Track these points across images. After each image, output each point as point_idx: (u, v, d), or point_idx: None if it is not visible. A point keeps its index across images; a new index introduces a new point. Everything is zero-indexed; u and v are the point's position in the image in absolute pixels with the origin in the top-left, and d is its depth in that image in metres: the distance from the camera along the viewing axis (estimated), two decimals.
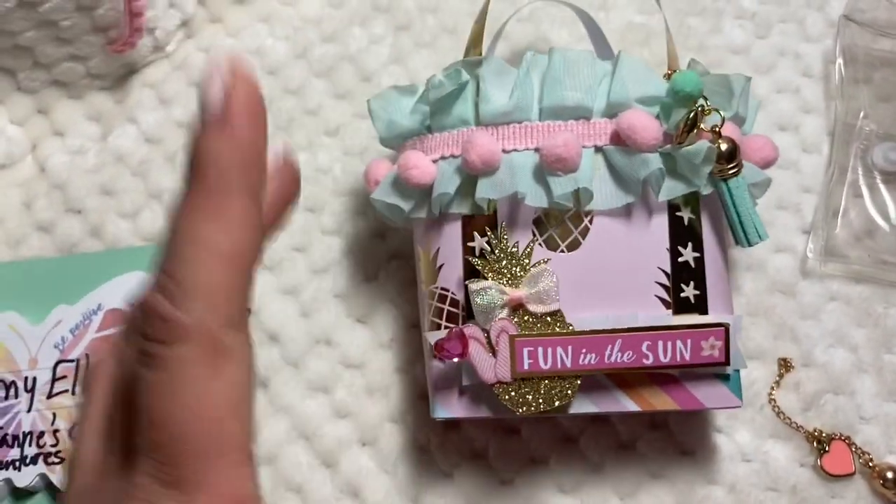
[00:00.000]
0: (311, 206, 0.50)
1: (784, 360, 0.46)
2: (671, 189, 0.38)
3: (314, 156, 0.51)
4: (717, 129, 0.37)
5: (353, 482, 0.45)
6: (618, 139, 0.37)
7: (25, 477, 0.44)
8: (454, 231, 0.39)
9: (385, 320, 0.48)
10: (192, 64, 0.53)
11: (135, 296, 0.26)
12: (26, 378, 0.46)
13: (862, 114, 0.49)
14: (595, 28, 0.48)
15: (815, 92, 0.52)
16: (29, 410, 0.45)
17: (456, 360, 0.37)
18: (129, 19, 0.47)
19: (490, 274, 0.38)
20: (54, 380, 0.45)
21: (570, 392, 0.37)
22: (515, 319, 0.37)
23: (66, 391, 0.45)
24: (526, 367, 0.37)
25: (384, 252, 0.49)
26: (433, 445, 0.45)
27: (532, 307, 0.37)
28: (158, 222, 0.50)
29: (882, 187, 0.48)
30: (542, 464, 0.45)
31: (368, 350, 0.47)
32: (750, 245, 0.38)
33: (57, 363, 0.46)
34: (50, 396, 0.45)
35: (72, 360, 0.46)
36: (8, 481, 0.44)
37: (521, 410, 0.37)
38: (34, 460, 0.44)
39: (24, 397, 0.45)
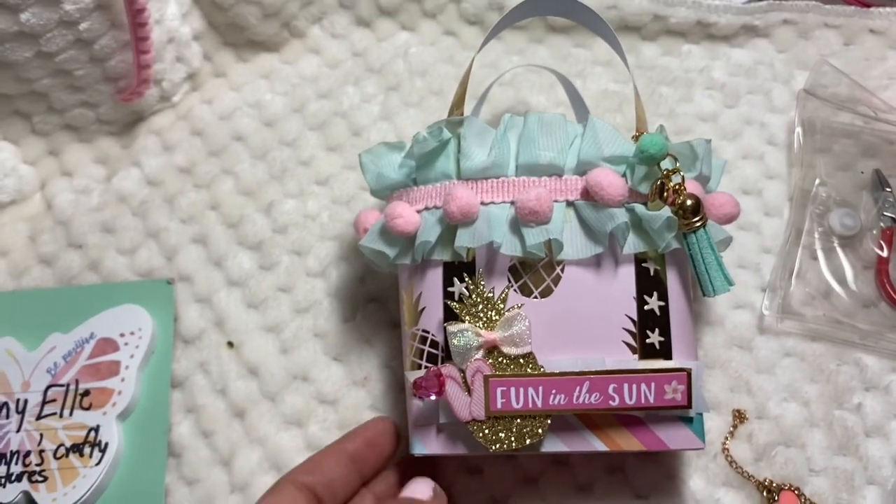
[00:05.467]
0: (299, 249, 0.53)
1: (738, 411, 0.48)
2: (635, 244, 0.40)
3: (304, 203, 0.54)
4: (680, 188, 0.39)
5: None
6: (587, 195, 0.40)
7: (9, 494, 0.45)
8: (435, 277, 0.42)
9: (360, 359, 0.50)
10: (195, 114, 0.57)
11: None
12: (18, 399, 0.48)
13: (818, 181, 0.53)
14: (574, 92, 0.52)
15: (778, 159, 0.55)
16: (18, 430, 0.47)
17: (433, 397, 0.39)
18: (138, 71, 0.51)
19: (467, 317, 0.40)
20: (44, 402, 0.48)
21: (540, 431, 0.39)
22: (490, 360, 0.39)
23: (55, 414, 0.47)
24: (499, 405, 0.39)
25: (363, 295, 0.51)
26: None
27: (506, 349, 0.39)
28: (154, 259, 0.53)
29: (839, 251, 0.52)
30: (502, 503, 0.46)
31: (343, 387, 0.49)
32: (716, 294, 0.40)
33: (48, 387, 0.48)
34: (39, 418, 0.47)
35: (62, 385, 0.48)
36: None
37: (494, 447, 0.39)
38: (19, 478, 0.46)
39: (15, 418, 0.47)
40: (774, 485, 0.46)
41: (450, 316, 0.41)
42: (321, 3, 0.58)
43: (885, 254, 0.51)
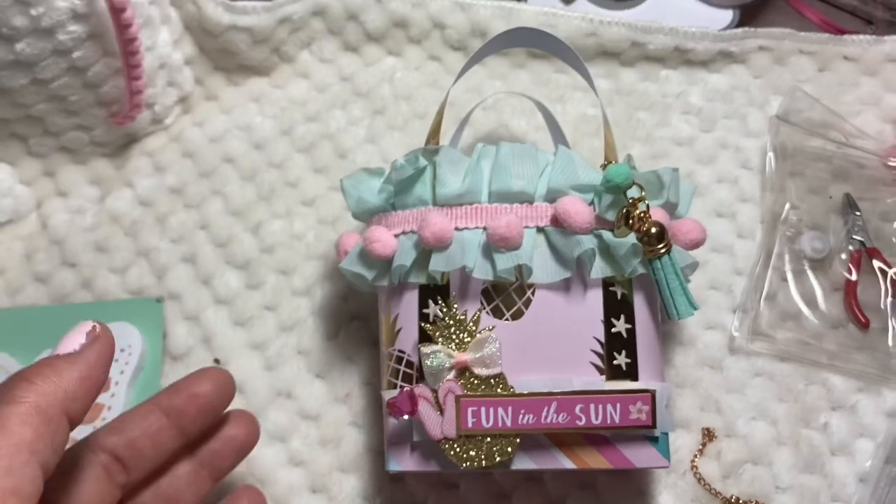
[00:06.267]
0: (285, 268, 0.54)
1: (708, 429, 0.50)
2: (602, 269, 0.42)
3: (291, 223, 0.55)
4: (645, 216, 0.41)
5: None
6: (556, 221, 0.42)
7: None
8: (411, 299, 0.44)
9: (342, 376, 0.51)
10: (187, 136, 0.58)
11: None
12: None
13: (789, 204, 0.54)
14: (551, 118, 0.53)
15: (752, 183, 0.57)
16: None
17: (406, 416, 0.41)
18: (130, 96, 0.53)
19: (440, 339, 0.42)
20: None
21: (509, 449, 0.40)
22: (462, 381, 0.41)
23: None
24: (469, 424, 0.40)
25: (346, 313, 0.53)
26: (378, 496, 0.49)
27: (477, 370, 0.41)
28: (145, 278, 0.54)
29: (809, 273, 0.53)
30: None
31: (325, 404, 0.51)
32: (680, 318, 0.42)
33: None
34: None
35: None
36: None
37: (465, 465, 0.40)
38: None
39: None
40: (741, 502, 0.48)
41: (424, 337, 0.42)
42: (310, 29, 0.60)
43: (853, 277, 0.52)
